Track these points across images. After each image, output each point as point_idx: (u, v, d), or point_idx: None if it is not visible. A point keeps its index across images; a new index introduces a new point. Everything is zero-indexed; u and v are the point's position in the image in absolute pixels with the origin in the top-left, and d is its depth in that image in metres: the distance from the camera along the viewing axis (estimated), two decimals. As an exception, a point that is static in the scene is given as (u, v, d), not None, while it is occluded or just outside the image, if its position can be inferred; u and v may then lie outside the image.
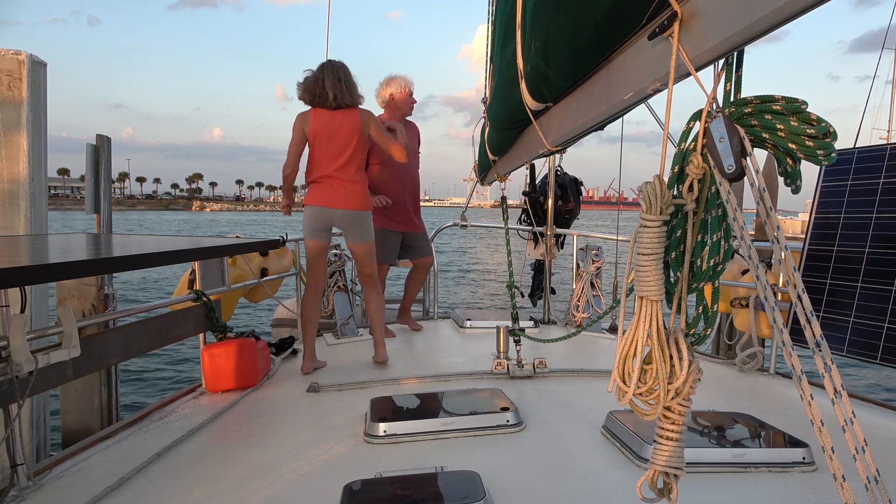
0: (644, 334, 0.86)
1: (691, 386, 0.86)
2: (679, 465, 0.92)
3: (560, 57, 1.35)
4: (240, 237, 2.96)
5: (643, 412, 0.89)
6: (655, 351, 0.86)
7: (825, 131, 0.74)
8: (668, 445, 0.91)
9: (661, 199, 0.83)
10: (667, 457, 0.91)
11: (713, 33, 0.82)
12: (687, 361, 0.85)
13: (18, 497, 1.74)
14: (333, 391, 2.74)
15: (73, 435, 3.88)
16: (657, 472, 0.92)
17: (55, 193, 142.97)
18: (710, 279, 0.88)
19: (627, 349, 0.88)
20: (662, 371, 0.85)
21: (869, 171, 2.68)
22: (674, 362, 0.86)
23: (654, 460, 0.92)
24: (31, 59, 2.75)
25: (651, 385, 0.87)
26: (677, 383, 0.85)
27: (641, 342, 0.86)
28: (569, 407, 2.48)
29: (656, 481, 0.93)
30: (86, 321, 2.08)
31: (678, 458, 0.91)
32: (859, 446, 0.75)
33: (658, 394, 0.86)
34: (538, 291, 4.83)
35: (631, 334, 0.87)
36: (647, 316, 0.86)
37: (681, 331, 0.88)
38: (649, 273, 0.85)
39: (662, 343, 0.86)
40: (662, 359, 0.85)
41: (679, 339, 0.87)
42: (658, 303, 0.86)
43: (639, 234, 0.86)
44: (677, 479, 0.93)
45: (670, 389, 0.86)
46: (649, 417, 0.89)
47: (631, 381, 0.87)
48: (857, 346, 2.52)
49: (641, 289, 0.86)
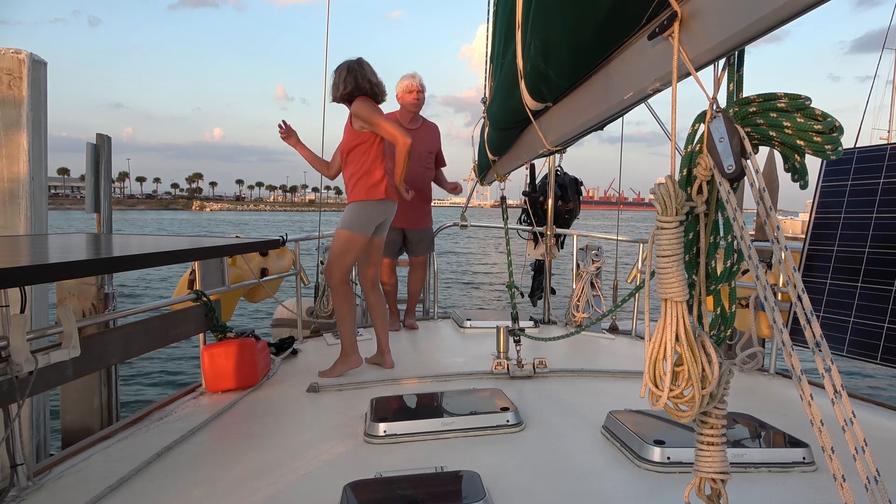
0: (672, 336, 0.84)
1: (725, 388, 0.85)
2: (725, 470, 0.90)
3: (560, 57, 1.35)
4: (240, 237, 2.96)
5: (680, 414, 0.87)
6: (685, 352, 0.84)
7: (832, 126, 0.74)
8: (711, 451, 0.90)
9: (675, 200, 0.83)
10: (711, 462, 0.90)
11: (713, 33, 0.82)
12: (717, 363, 0.83)
13: (18, 497, 1.74)
14: (333, 391, 2.74)
15: (72, 435, 3.87)
16: (703, 480, 0.91)
17: (55, 193, 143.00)
18: (726, 280, 0.87)
19: (657, 352, 0.85)
20: (695, 372, 0.83)
21: (869, 171, 2.68)
22: (703, 364, 0.84)
23: (698, 467, 0.91)
24: (31, 58, 2.75)
25: (683, 388, 0.85)
26: (710, 387, 0.83)
27: (671, 344, 0.84)
28: (569, 407, 2.47)
29: (703, 488, 0.92)
30: (86, 321, 2.08)
31: (723, 463, 0.90)
32: (859, 446, 0.75)
33: (692, 395, 0.84)
34: (538, 291, 4.83)
35: (659, 337, 0.85)
36: (673, 318, 0.84)
37: (706, 333, 0.87)
38: (671, 274, 0.84)
39: (692, 344, 0.84)
40: (693, 360, 0.83)
41: (705, 341, 0.85)
42: (683, 304, 0.84)
43: (657, 237, 0.85)
44: (724, 484, 0.91)
45: (704, 394, 0.83)
46: (686, 419, 0.87)
47: (664, 385, 0.85)
48: (857, 346, 2.52)
49: (665, 291, 0.84)
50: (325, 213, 10.82)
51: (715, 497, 0.93)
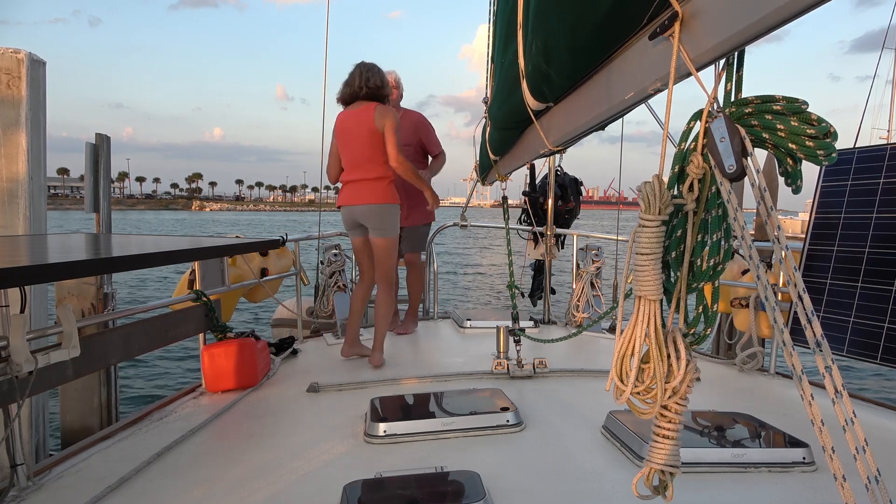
0: (642, 333, 0.86)
1: (688, 385, 0.87)
2: (675, 464, 0.92)
3: (561, 57, 1.35)
4: (240, 237, 2.96)
5: (640, 411, 0.90)
6: (653, 350, 0.86)
7: (825, 131, 0.74)
8: (665, 444, 0.91)
9: (659, 199, 0.83)
10: (663, 455, 0.91)
11: (714, 33, 0.82)
12: (685, 361, 0.85)
13: (18, 497, 1.74)
14: (333, 391, 2.74)
15: (72, 435, 3.87)
16: (653, 470, 0.93)
17: (55, 193, 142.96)
18: (709, 279, 0.88)
19: (625, 348, 0.88)
20: (660, 370, 0.85)
21: (869, 171, 2.68)
22: (671, 362, 0.86)
23: (650, 458, 0.92)
24: (29, 58, 2.75)
25: (649, 384, 0.87)
26: (674, 382, 0.85)
27: (639, 341, 0.86)
28: (569, 407, 2.48)
29: (652, 479, 0.94)
30: (85, 321, 2.08)
31: (674, 457, 0.92)
32: (860, 446, 0.75)
33: (655, 392, 0.86)
34: (538, 291, 4.83)
35: (629, 333, 0.87)
36: (644, 315, 0.86)
37: (679, 330, 0.88)
38: (647, 273, 0.85)
39: (660, 342, 0.86)
40: (660, 358, 0.85)
41: (677, 338, 0.87)
42: (656, 302, 0.86)
43: (637, 234, 0.86)
44: (673, 478, 0.93)
45: (667, 389, 0.86)
46: (646, 416, 0.89)
47: (629, 381, 0.87)
48: (857, 346, 2.52)
49: (640, 288, 0.86)
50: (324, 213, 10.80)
51: (662, 489, 0.94)
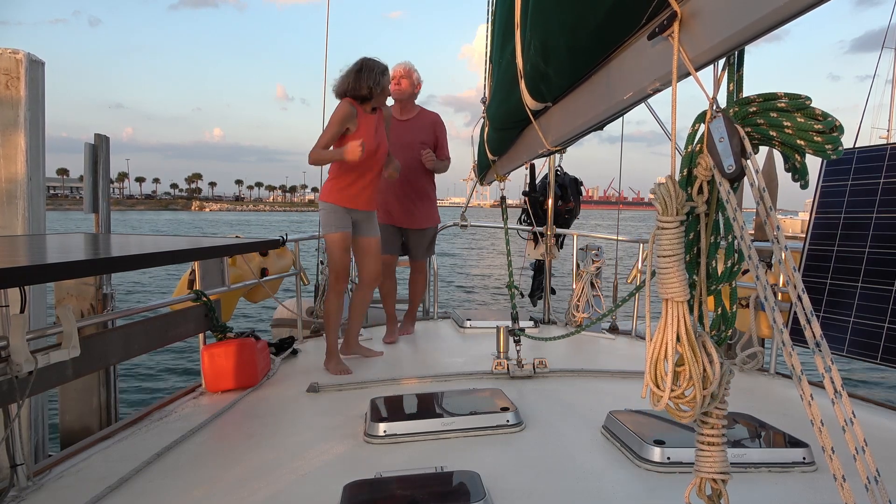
0: (673, 336, 0.84)
1: (726, 388, 0.85)
2: (725, 470, 0.90)
3: (560, 56, 1.35)
4: (240, 237, 2.96)
5: (681, 415, 0.87)
6: (687, 353, 0.83)
7: (832, 125, 0.74)
8: (711, 451, 0.90)
9: (676, 200, 0.83)
10: (712, 462, 0.90)
11: (713, 33, 0.82)
12: (718, 363, 0.83)
13: (18, 497, 1.74)
14: (333, 391, 2.74)
15: (71, 435, 3.87)
16: (704, 480, 0.91)
17: (54, 193, 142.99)
18: (727, 280, 0.87)
19: (658, 352, 0.85)
20: (696, 372, 0.83)
21: (869, 171, 2.68)
22: (704, 364, 0.84)
23: (698, 468, 0.91)
24: (28, 58, 2.75)
25: (684, 388, 0.85)
26: (712, 387, 0.83)
27: (672, 345, 0.84)
28: (569, 407, 2.47)
29: (704, 489, 0.92)
30: (85, 321, 2.08)
31: (723, 463, 0.90)
32: (859, 446, 0.75)
33: (693, 396, 0.84)
34: (538, 291, 4.83)
35: (660, 337, 0.85)
36: (674, 318, 0.84)
37: (707, 333, 0.87)
38: (672, 275, 0.84)
39: (693, 344, 0.84)
40: (695, 360, 0.83)
41: (706, 341, 0.85)
42: (684, 304, 0.84)
43: (658, 237, 0.84)
44: (725, 484, 0.91)
45: (706, 394, 0.83)
46: (687, 420, 0.87)
47: (665, 386, 0.85)
48: (857, 346, 2.52)
49: (666, 291, 0.84)
50: (324, 213, 10.72)
51: (716, 497, 0.93)
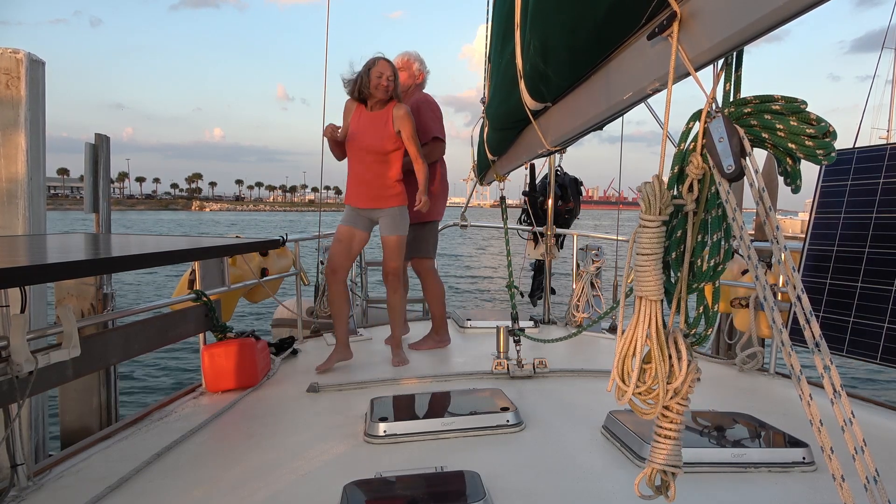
0: (643, 334, 0.86)
1: (690, 385, 0.87)
2: (677, 464, 0.92)
3: (559, 56, 1.35)
4: (240, 237, 2.96)
5: (642, 411, 0.90)
6: (654, 350, 0.86)
7: (825, 131, 0.74)
8: (666, 444, 0.91)
9: (660, 200, 0.84)
10: (665, 455, 0.91)
11: (712, 33, 0.82)
12: (686, 361, 0.85)
13: (18, 497, 1.74)
14: (333, 391, 2.74)
15: (71, 435, 3.87)
16: (655, 470, 0.93)
17: (54, 193, 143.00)
18: (710, 279, 0.88)
19: (626, 349, 0.88)
20: (661, 370, 0.85)
21: (869, 171, 2.68)
22: (672, 362, 0.86)
23: (652, 458, 0.92)
24: (28, 58, 2.75)
25: (650, 384, 0.87)
26: (676, 383, 0.86)
27: (640, 342, 0.86)
28: (569, 407, 2.47)
29: (654, 479, 0.94)
30: (85, 321, 2.08)
31: (676, 457, 0.92)
32: (858, 446, 0.75)
33: (657, 393, 0.86)
34: (538, 291, 4.83)
35: (630, 334, 0.88)
36: (646, 316, 0.86)
37: (680, 331, 0.89)
38: (648, 273, 0.85)
39: (662, 343, 0.86)
40: (661, 358, 0.86)
41: (678, 338, 0.87)
42: (657, 303, 0.86)
43: (638, 235, 0.86)
44: (675, 478, 0.93)
45: (669, 389, 0.86)
46: (648, 416, 0.90)
47: (630, 381, 0.87)
48: (857, 346, 2.52)
49: (640, 289, 0.86)
50: (324, 213, 10.79)
51: (664, 489, 0.94)
